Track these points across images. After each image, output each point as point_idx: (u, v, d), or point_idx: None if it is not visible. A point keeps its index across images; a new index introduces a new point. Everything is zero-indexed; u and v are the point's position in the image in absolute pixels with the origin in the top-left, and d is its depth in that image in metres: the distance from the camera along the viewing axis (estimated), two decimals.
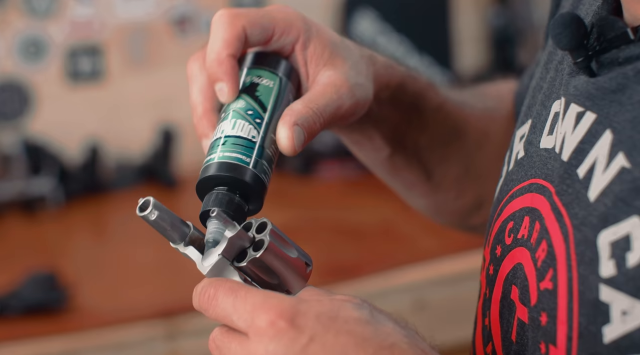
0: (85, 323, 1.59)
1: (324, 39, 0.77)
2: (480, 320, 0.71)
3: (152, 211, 0.67)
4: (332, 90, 0.76)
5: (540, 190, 0.65)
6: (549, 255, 0.61)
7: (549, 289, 0.60)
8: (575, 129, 0.62)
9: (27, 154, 2.07)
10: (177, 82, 2.31)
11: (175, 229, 0.68)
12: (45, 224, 2.02)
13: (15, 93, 2.18)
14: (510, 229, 0.68)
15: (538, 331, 0.61)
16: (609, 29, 0.62)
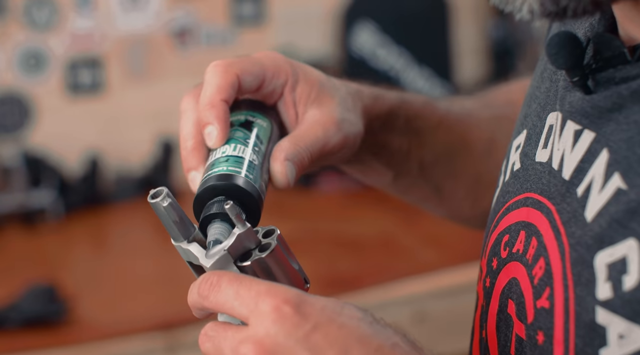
0: (85, 335, 1.59)
1: (310, 79, 0.80)
2: (477, 332, 0.71)
3: (165, 198, 0.67)
4: (319, 128, 0.78)
5: (537, 206, 0.65)
6: (546, 273, 0.61)
7: (546, 308, 0.60)
8: (575, 147, 0.62)
9: (27, 166, 2.07)
10: (177, 94, 2.31)
11: (182, 224, 0.68)
12: (45, 236, 2.02)
13: (16, 105, 2.18)
14: (506, 242, 0.68)
15: (535, 349, 0.61)
16: (606, 48, 0.62)
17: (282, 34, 2.40)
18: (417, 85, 2.49)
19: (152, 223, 2.16)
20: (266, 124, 0.78)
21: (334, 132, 0.78)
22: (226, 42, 2.35)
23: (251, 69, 0.77)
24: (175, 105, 2.57)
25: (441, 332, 1.77)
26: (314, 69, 0.82)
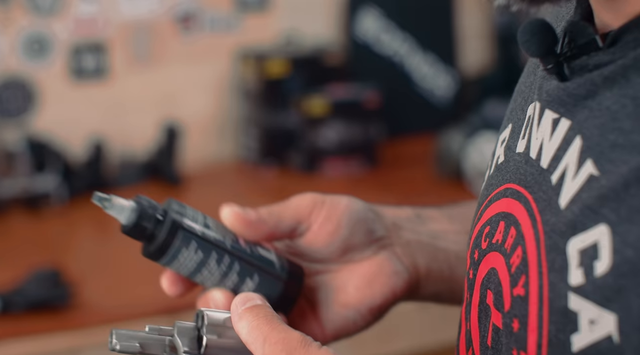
0: (89, 320, 1.59)
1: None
2: (464, 325, 0.72)
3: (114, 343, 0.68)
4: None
5: (516, 196, 0.65)
6: (522, 261, 0.61)
7: (521, 295, 0.60)
8: (553, 135, 0.62)
9: (31, 151, 2.08)
10: (181, 79, 2.31)
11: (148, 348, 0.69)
12: (49, 221, 2.02)
13: (19, 90, 2.18)
14: (487, 233, 0.68)
15: (511, 337, 0.61)
16: (579, 35, 0.62)
17: (286, 19, 2.39)
18: (421, 71, 2.49)
19: None
20: None
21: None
22: (230, 28, 2.35)
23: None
24: (179, 91, 2.60)
25: (444, 319, 1.77)
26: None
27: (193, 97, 2.33)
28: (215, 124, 2.33)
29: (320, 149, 2.25)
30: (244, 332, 0.66)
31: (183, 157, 2.24)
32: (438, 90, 2.52)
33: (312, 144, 2.25)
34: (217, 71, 2.35)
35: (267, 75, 2.28)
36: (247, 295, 0.68)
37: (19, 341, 1.55)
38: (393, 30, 2.46)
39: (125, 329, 0.70)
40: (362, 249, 0.82)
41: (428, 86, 2.51)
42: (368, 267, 0.83)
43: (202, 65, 2.34)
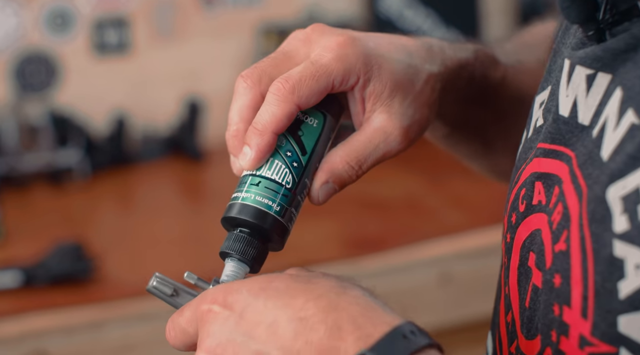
0: (111, 293, 1.60)
1: (384, 77, 0.75)
2: (502, 289, 0.71)
3: (153, 280, 0.71)
4: (380, 138, 0.75)
5: (552, 155, 0.65)
6: (563, 217, 0.61)
7: (563, 250, 0.60)
8: (590, 91, 0.62)
9: (54, 125, 2.08)
10: (204, 54, 2.31)
11: (179, 296, 0.71)
12: (71, 195, 2.03)
13: (42, 65, 2.19)
14: (523, 195, 0.68)
15: (551, 293, 0.61)
16: (621, 1, 0.61)
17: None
18: None
19: (178, 183, 2.17)
20: (317, 121, 0.75)
21: (397, 142, 0.75)
22: (253, 3, 2.34)
23: (316, 88, 0.73)
24: (202, 66, 2.59)
25: (467, 294, 1.77)
26: (394, 58, 0.77)
27: (215, 72, 2.32)
28: None
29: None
30: None
31: (205, 132, 2.24)
32: None
33: None
34: (240, 46, 2.35)
35: None
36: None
37: (42, 314, 1.56)
38: (416, 6, 2.45)
39: (168, 277, 0.71)
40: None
41: None
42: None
43: (225, 40, 2.33)
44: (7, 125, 2.04)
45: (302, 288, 0.62)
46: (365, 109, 0.76)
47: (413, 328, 0.60)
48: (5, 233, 1.79)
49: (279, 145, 0.73)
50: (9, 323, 1.54)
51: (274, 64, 0.74)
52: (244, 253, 0.71)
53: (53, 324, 1.55)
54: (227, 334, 0.61)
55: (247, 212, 0.71)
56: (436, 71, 0.78)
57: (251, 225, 0.71)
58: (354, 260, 1.74)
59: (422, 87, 0.77)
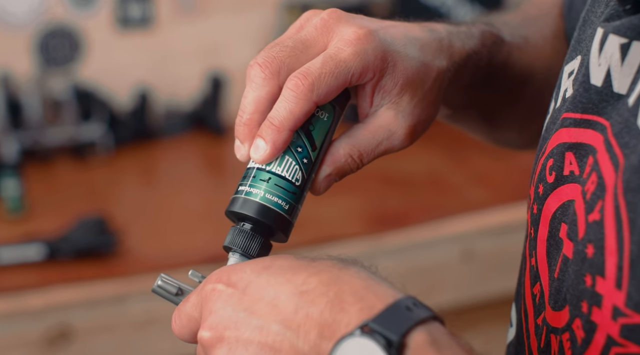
0: (134, 267, 1.61)
1: (397, 74, 0.75)
2: (527, 261, 0.71)
3: (157, 280, 0.72)
4: (384, 135, 0.75)
5: (585, 124, 0.64)
6: (598, 186, 0.60)
7: (597, 220, 0.60)
8: (625, 60, 0.61)
9: (78, 99, 2.09)
10: (227, 29, 2.31)
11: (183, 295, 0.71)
12: (95, 169, 2.04)
13: (66, 39, 2.19)
14: (551, 166, 0.67)
15: (583, 264, 0.60)
16: None
17: None
18: None
19: (201, 158, 2.17)
20: (327, 115, 0.75)
21: (401, 140, 0.75)
22: None
23: (335, 84, 0.72)
24: (224, 41, 2.58)
25: (489, 270, 1.77)
26: (408, 57, 0.76)
27: (238, 47, 2.32)
28: None
29: None
30: None
31: (228, 107, 2.24)
32: None
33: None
34: (263, 21, 2.34)
35: None
36: None
37: (65, 287, 1.57)
38: None
39: (173, 278, 0.71)
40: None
41: None
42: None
43: (248, 15, 2.33)
44: (31, 99, 2.05)
45: (305, 264, 0.63)
46: (373, 102, 0.76)
47: (415, 301, 0.60)
48: (29, 207, 1.80)
49: (292, 141, 0.73)
50: (33, 296, 1.55)
51: (293, 55, 0.73)
52: (248, 248, 0.71)
53: (76, 297, 1.56)
54: (229, 310, 0.62)
55: (258, 210, 0.71)
56: (445, 67, 0.78)
57: (259, 223, 0.71)
58: (376, 236, 1.74)
59: (431, 86, 0.77)
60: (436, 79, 0.77)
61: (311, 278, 0.61)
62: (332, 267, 0.62)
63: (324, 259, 0.64)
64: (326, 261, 0.63)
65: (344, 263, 0.63)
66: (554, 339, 0.64)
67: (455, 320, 1.91)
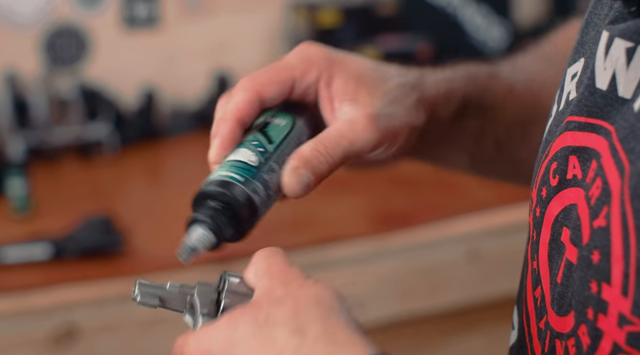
0: (140, 267, 1.61)
1: (348, 72, 0.78)
2: (529, 264, 0.70)
3: (137, 296, 0.71)
4: (346, 126, 0.77)
5: (589, 128, 0.64)
6: (603, 192, 0.60)
7: (603, 226, 0.59)
8: (630, 64, 0.61)
9: (84, 99, 2.09)
10: (233, 28, 2.31)
11: (169, 302, 0.71)
12: (101, 168, 2.04)
13: (73, 38, 2.19)
14: (555, 169, 0.67)
15: (588, 270, 0.60)
16: None
17: None
18: (474, 22, 2.46)
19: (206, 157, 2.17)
20: (285, 122, 0.78)
21: (365, 130, 0.77)
22: None
23: (275, 77, 0.77)
24: (230, 40, 2.58)
25: (495, 270, 1.77)
26: (360, 59, 0.80)
27: (244, 47, 2.32)
28: None
29: None
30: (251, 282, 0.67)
31: None
32: (491, 42, 2.49)
33: None
34: (269, 21, 2.34)
35: (319, 25, 2.27)
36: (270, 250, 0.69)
37: (71, 286, 1.57)
38: None
39: (151, 282, 0.71)
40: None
41: (481, 37, 2.48)
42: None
43: (254, 14, 2.33)
44: (38, 98, 2.05)
45: (263, 343, 0.62)
46: (334, 108, 0.78)
47: None
48: (35, 206, 1.80)
49: (245, 139, 0.76)
50: (39, 295, 1.55)
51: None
52: (211, 218, 0.71)
53: (83, 297, 1.56)
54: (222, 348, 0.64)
55: (211, 183, 0.73)
56: (411, 82, 0.80)
57: (215, 193, 0.72)
58: (381, 236, 1.74)
59: (393, 88, 0.79)
60: (400, 85, 0.79)
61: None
62: (288, 344, 0.62)
63: (283, 315, 0.63)
64: (283, 330, 0.62)
65: (301, 326, 0.62)
66: (559, 344, 0.64)
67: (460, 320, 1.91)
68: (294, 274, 0.65)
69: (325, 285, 0.65)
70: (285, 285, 0.64)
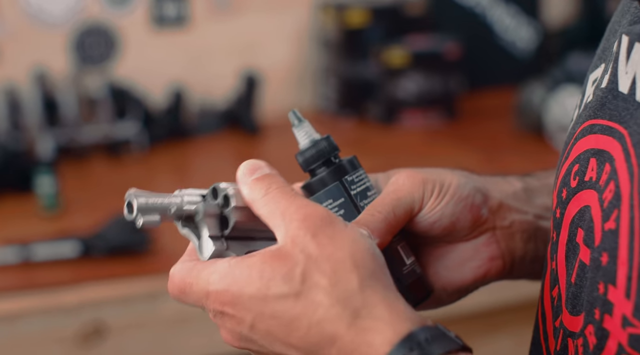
0: (168, 266, 1.60)
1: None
2: (549, 264, 0.71)
3: (138, 216, 0.67)
4: (390, 184, 0.76)
5: (608, 131, 0.64)
6: (615, 195, 0.60)
7: (612, 229, 0.60)
8: None
9: (113, 98, 2.10)
10: (261, 28, 2.31)
11: (167, 217, 0.69)
12: (129, 166, 2.05)
13: (102, 37, 2.20)
14: (576, 171, 0.67)
15: (598, 271, 0.60)
16: None
17: None
18: (503, 23, 2.45)
19: (234, 156, 2.18)
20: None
21: (407, 179, 0.75)
22: None
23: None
24: (259, 39, 2.58)
25: None
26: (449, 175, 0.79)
27: (273, 46, 2.33)
28: (294, 74, 2.33)
29: (399, 100, 2.24)
30: (257, 206, 0.65)
31: (262, 106, 2.25)
32: (520, 42, 2.48)
33: (390, 95, 2.24)
34: (297, 20, 2.35)
35: (347, 25, 2.27)
36: (255, 163, 0.67)
37: (99, 284, 1.58)
38: None
39: (145, 194, 0.67)
40: (462, 231, 0.77)
41: (510, 38, 2.47)
42: (463, 250, 0.78)
43: (282, 14, 2.33)
44: (67, 97, 2.06)
45: (301, 309, 0.62)
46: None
47: (432, 334, 0.60)
48: (64, 204, 1.81)
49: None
50: (67, 292, 1.56)
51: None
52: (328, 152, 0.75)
53: (110, 294, 1.57)
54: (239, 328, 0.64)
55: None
56: (482, 196, 0.79)
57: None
58: None
59: (469, 193, 0.78)
60: (469, 194, 0.78)
61: (312, 330, 0.62)
62: (327, 314, 0.61)
63: (317, 282, 0.62)
64: (321, 299, 0.62)
65: (338, 298, 0.62)
66: (571, 343, 0.65)
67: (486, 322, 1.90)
68: (317, 219, 0.63)
69: (350, 235, 0.63)
70: (315, 235, 0.63)
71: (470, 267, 0.79)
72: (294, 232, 0.63)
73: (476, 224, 0.77)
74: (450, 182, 0.77)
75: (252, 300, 0.62)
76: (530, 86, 2.15)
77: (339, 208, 0.74)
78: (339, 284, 0.61)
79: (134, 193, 0.66)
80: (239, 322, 0.63)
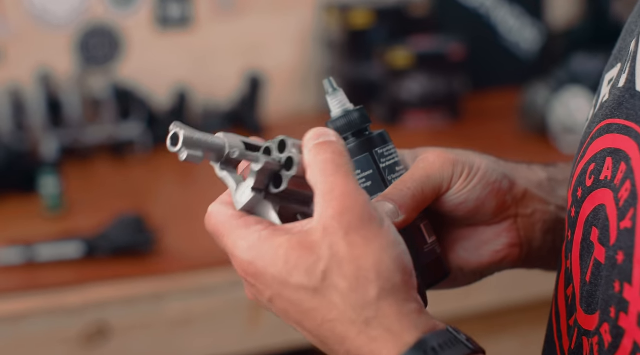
0: (172, 266, 1.62)
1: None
2: (563, 263, 0.71)
3: (182, 150, 0.66)
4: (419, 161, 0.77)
5: (625, 130, 0.64)
6: (631, 194, 0.60)
7: (628, 227, 0.59)
8: None
9: (117, 98, 2.10)
10: (265, 29, 2.31)
11: (210, 154, 0.68)
12: (133, 167, 2.05)
13: (106, 38, 2.20)
14: (592, 170, 0.67)
15: (613, 270, 0.60)
16: None
17: None
18: (507, 23, 2.45)
19: None
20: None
21: (437, 158, 0.76)
22: None
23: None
24: (263, 40, 2.58)
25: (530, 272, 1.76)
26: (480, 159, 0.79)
27: (277, 47, 2.33)
28: (298, 75, 2.33)
29: (403, 101, 2.24)
30: (309, 171, 0.65)
31: (266, 107, 2.25)
32: (524, 43, 2.48)
33: (394, 96, 2.24)
34: (301, 21, 2.35)
35: (351, 26, 2.27)
36: (322, 129, 0.66)
37: (103, 285, 1.57)
38: None
39: (191, 130, 0.66)
40: (486, 216, 0.78)
41: (514, 39, 2.47)
42: (484, 233, 0.79)
43: (286, 15, 2.33)
44: (71, 98, 2.06)
45: (317, 304, 0.63)
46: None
47: (445, 340, 0.60)
48: (68, 204, 1.81)
49: None
50: (71, 293, 1.56)
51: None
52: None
53: (114, 295, 1.57)
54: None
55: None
56: (509, 182, 0.79)
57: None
58: None
59: (497, 178, 0.78)
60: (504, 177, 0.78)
61: (325, 325, 0.62)
62: (341, 317, 0.62)
63: (336, 281, 0.62)
64: (338, 300, 0.62)
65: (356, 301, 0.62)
66: (586, 341, 0.65)
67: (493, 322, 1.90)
68: (355, 212, 0.63)
69: (382, 242, 0.62)
70: (347, 234, 0.62)
71: (489, 251, 0.79)
72: (328, 222, 0.62)
73: (500, 209, 0.78)
74: (479, 166, 0.77)
75: (274, 280, 0.63)
76: (534, 87, 2.14)
77: (367, 180, 0.74)
78: (357, 291, 0.61)
79: (180, 125, 0.65)
80: (259, 292, 0.64)
